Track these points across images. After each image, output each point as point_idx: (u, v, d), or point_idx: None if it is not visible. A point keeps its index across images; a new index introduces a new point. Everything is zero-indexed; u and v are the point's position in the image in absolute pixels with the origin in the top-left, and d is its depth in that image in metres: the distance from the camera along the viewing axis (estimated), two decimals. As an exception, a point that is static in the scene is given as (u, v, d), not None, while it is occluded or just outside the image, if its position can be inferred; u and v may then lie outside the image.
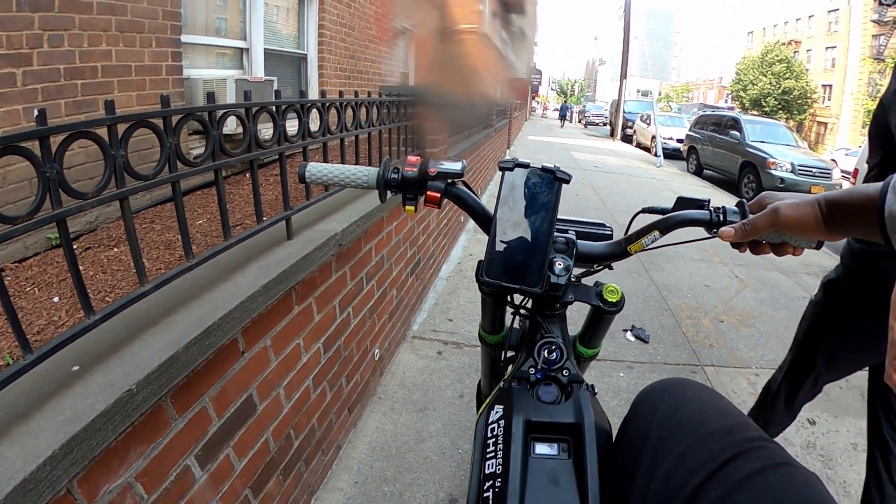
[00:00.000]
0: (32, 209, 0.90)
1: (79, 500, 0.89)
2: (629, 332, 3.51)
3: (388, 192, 1.10)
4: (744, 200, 0.98)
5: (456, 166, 1.07)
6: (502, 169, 1.01)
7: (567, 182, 1.00)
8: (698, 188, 11.14)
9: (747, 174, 10.85)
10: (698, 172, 13.67)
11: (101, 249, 2.69)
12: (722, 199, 2.35)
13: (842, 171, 12.29)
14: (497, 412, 0.95)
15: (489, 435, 0.92)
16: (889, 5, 5.96)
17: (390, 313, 2.79)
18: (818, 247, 0.91)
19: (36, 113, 0.90)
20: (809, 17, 43.15)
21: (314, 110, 1.78)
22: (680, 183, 11.38)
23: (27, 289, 2.31)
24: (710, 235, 1.00)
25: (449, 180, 1.08)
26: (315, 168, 1.12)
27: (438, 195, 1.07)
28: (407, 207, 1.10)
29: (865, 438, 2.57)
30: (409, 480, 2.12)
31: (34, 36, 2.65)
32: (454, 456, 2.26)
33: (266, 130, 1.50)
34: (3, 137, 0.84)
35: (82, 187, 0.96)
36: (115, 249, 2.68)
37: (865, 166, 6.49)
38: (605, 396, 2.75)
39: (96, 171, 2.64)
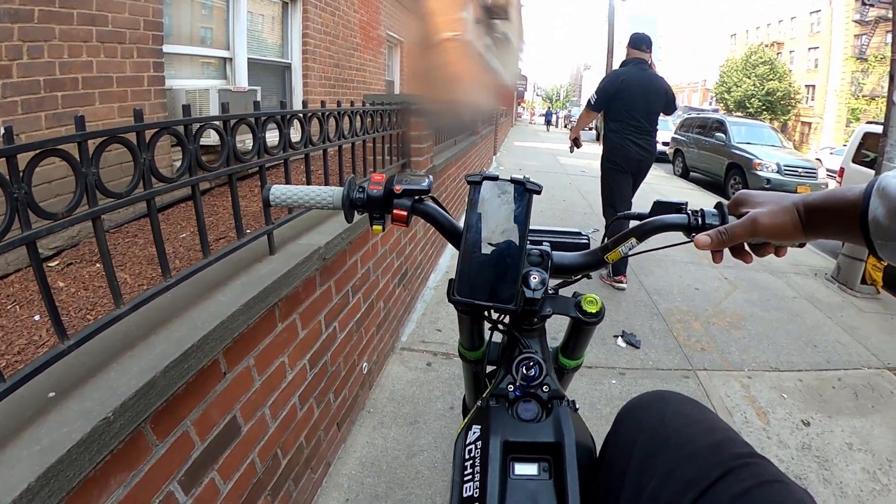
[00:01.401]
0: (0, 231, 0.86)
1: (57, 532, 0.85)
2: (620, 338, 3.49)
3: (355, 212, 1.07)
4: (722, 202, 0.97)
5: (422, 183, 1.04)
6: (470, 183, 0.97)
7: (538, 193, 0.97)
8: (685, 190, 11.20)
9: (734, 175, 10.93)
10: (685, 175, 13.76)
11: (83, 265, 2.64)
12: (708, 202, 2.34)
13: (827, 171, 12.39)
14: (475, 432, 0.92)
15: (467, 456, 0.89)
16: (871, 5, 6.05)
17: (378, 326, 2.75)
18: (802, 245, 0.91)
19: (2, 131, 0.87)
20: (792, 18, 43.50)
21: (296, 121, 1.75)
22: (667, 186, 11.41)
23: (8, 307, 2.26)
24: (687, 240, 0.99)
25: (416, 197, 1.05)
26: (279, 190, 1.08)
27: (405, 213, 1.03)
28: (374, 227, 1.06)
29: (860, 438, 2.58)
30: (401, 496, 2.09)
31: (13, 47, 2.60)
32: (446, 470, 2.22)
33: (248, 141, 1.47)
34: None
35: (63, 201, 0.93)
36: (98, 265, 2.63)
37: (851, 165, 6.56)
38: (598, 405, 2.72)
39: (71, 185, 2.59)
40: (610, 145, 4.41)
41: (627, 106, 4.23)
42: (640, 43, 4.32)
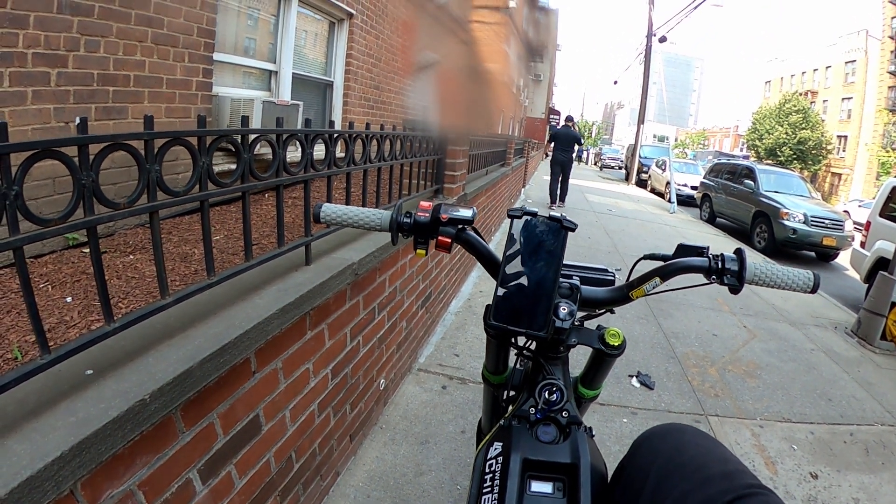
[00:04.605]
0: (65, 213, 0.92)
1: (81, 502, 0.90)
2: (634, 378, 3.49)
3: (401, 235, 1.14)
4: (741, 248, 1.04)
5: (467, 213, 1.12)
6: (511, 216, 1.03)
7: (573, 230, 1.03)
8: (710, 236, 11.12)
9: (760, 224, 10.80)
10: (711, 220, 13.65)
11: (116, 255, 2.71)
12: (731, 248, 2.30)
13: (854, 223, 12.21)
14: (496, 448, 0.97)
15: (487, 470, 0.94)
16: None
17: (398, 344, 2.80)
18: (813, 290, 1.02)
19: (77, 120, 0.94)
20: (827, 67, 43.06)
21: (341, 140, 1.82)
22: (692, 230, 11.37)
23: (41, 285, 2.32)
24: (707, 282, 1.05)
25: (460, 226, 1.12)
26: (330, 209, 1.16)
27: (449, 240, 1.12)
28: (418, 251, 1.15)
29: (868, 494, 2.55)
30: (406, 513, 2.11)
31: (71, 39, 2.71)
32: (452, 492, 2.24)
33: (291, 153, 1.53)
34: (43, 141, 0.87)
35: (104, 192, 0.98)
36: (131, 256, 2.69)
37: (878, 219, 6.40)
38: (608, 441, 2.73)
39: (119, 176, 2.67)
40: (553, 154, 11.21)
41: (558, 141, 11.17)
42: (567, 119, 11.79)
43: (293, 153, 1.61)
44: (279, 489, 1.67)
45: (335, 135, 1.76)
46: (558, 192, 11.33)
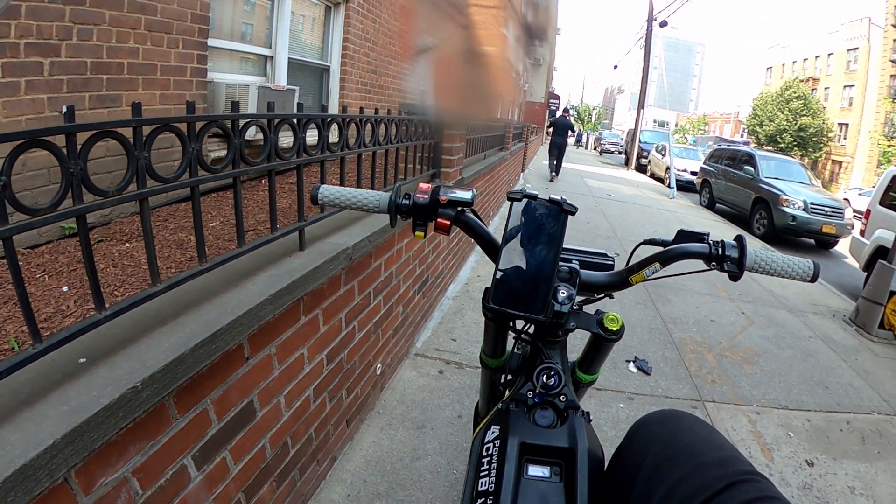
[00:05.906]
0: (54, 202, 0.92)
1: (75, 490, 0.91)
2: (631, 364, 3.50)
3: (399, 217, 1.13)
4: (742, 235, 1.03)
5: (466, 195, 1.11)
6: (511, 199, 1.03)
7: (573, 214, 1.02)
8: (710, 222, 11.11)
9: (759, 210, 10.78)
10: (710, 206, 13.63)
11: (113, 243, 2.70)
12: (731, 234, 2.28)
13: (854, 211, 12.19)
14: (493, 432, 0.97)
15: (484, 454, 0.94)
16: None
17: (395, 329, 2.80)
18: (812, 280, 1.01)
19: (64, 109, 0.93)
20: (829, 55, 42.73)
21: (334, 124, 1.81)
22: (692, 216, 11.36)
23: (37, 275, 2.31)
24: (707, 268, 1.05)
25: (459, 208, 1.11)
26: (328, 190, 1.15)
27: (448, 222, 1.11)
28: (417, 233, 1.14)
29: (863, 482, 2.56)
30: (402, 497, 2.12)
31: (64, 28, 2.68)
32: (448, 476, 2.25)
33: (285, 138, 1.52)
34: (30, 131, 0.86)
35: (100, 181, 0.98)
36: (128, 244, 2.69)
37: (878, 207, 6.36)
38: (604, 427, 2.74)
39: (115, 165, 2.66)
40: (551, 138, 13.89)
41: (556, 128, 14.04)
42: (563, 110, 18.22)
43: (287, 139, 1.60)
44: (275, 474, 1.68)
45: (328, 119, 1.75)
46: (555, 167, 14.24)
